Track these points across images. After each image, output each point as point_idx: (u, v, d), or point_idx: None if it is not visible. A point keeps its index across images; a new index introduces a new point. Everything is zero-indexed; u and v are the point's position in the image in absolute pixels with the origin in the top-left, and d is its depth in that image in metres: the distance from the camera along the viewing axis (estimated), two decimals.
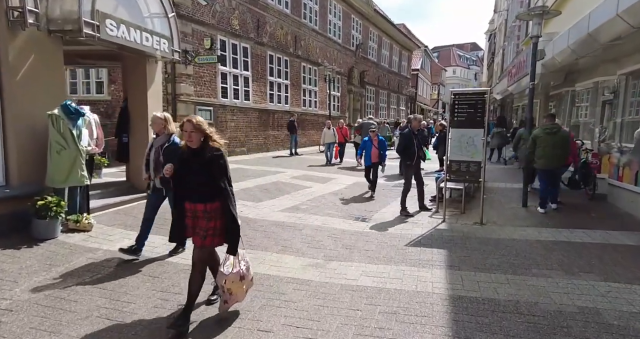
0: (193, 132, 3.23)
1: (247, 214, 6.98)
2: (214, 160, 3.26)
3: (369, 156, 8.81)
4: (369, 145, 8.81)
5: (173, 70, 13.11)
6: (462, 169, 6.81)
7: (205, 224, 3.30)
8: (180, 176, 3.34)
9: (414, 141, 7.33)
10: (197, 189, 3.30)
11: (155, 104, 7.26)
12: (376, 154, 8.78)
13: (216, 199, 3.30)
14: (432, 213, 7.56)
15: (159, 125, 4.72)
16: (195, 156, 3.29)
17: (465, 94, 6.80)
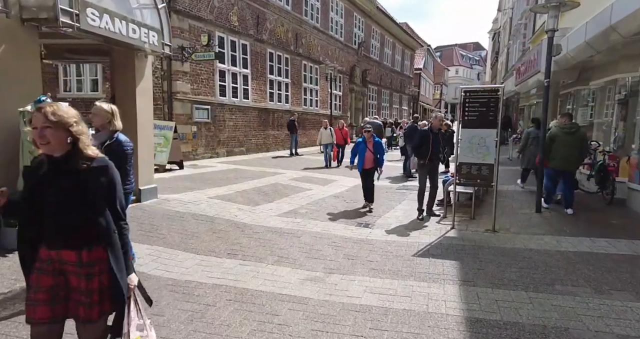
0: (49, 129, 1.92)
1: (242, 219, 6.52)
2: (91, 177, 2.01)
3: (362, 161, 7.54)
4: (363, 148, 7.49)
5: (169, 67, 12.66)
6: (473, 172, 6.33)
7: (86, 285, 2.03)
8: (32, 203, 2.02)
9: (429, 139, 6.91)
10: (61, 227, 2.02)
11: (145, 102, 6.80)
12: (371, 158, 7.47)
13: (98, 243, 2.05)
14: (440, 219, 7.08)
15: (101, 118, 3.68)
16: (57, 171, 2.00)
17: (477, 91, 6.32)
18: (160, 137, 10.79)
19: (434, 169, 7.21)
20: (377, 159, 7.56)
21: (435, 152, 7.01)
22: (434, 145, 6.95)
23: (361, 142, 7.57)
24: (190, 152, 13.41)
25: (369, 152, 7.50)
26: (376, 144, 7.60)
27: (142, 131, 6.72)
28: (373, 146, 7.54)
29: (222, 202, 7.47)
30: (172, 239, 5.24)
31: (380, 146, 7.63)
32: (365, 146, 7.52)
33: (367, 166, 7.61)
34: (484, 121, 6.20)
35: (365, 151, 7.50)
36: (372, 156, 7.51)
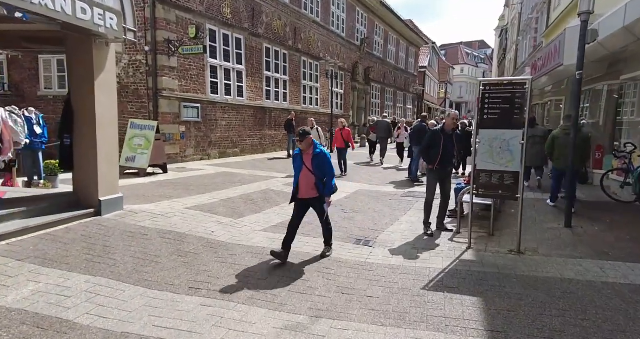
0: None
1: (219, 236, 5.51)
2: None
3: (296, 184, 4.83)
4: (298, 164, 4.77)
5: (154, 62, 11.68)
6: (494, 182, 5.30)
7: None
8: None
9: (441, 141, 5.89)
10: None
11: (107, 97, 5.80)
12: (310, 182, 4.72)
13: None
14: (453, 235, 6.05)
15: None
16: None
17: (499, 84, 5.28)
18: (141, 138, 9.83)
19: (445, 176, 6.18)
20: (319, 185, 4.70)
21: (448, 157, 5.99)
22: (447, 148, 5.92)
23: (297, 155, 4.83)
24: (178, 154, 12.43)
25: (307, 171, 4.69)
26: (318, 158, 4.69)
27: (104, 132, 5.73)
28: (313, 160, 4.67)
29: (200, 214, 6.46)
30: (123, 267, 4.23)
31: (326, 162, 4.73)
32: (302, 162, 4.72)
33: (304, 194, 4.75)
34: (507, 120, 5.17)
35: (302, 169, 4.72)
36: (312, 178, 4.68)
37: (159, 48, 11.67)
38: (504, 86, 5.21)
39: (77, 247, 4.60)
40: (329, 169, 4.80)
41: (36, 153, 7.28)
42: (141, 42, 11.79)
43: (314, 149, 4.72)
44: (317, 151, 4.73)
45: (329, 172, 4.80)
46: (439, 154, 5.92)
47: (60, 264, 4.11)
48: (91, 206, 5.69)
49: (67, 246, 4.62)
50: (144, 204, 6.77)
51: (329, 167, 4.80)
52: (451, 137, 5.99)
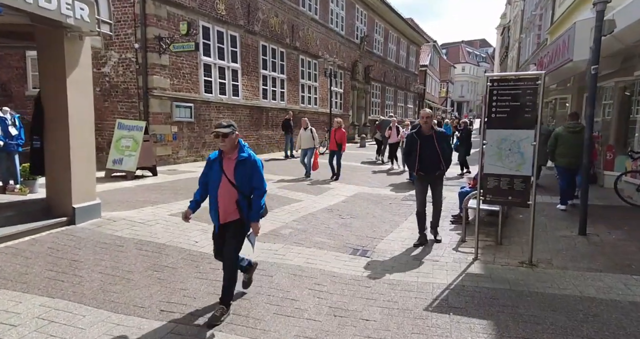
0: None
1: (202, 247, 5.05)
2: None
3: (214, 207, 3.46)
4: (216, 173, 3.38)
5: (144, 60, 11.22)
6: (503, 187, 4.82)
7: None
8: None
9: (417, 144, 5.33)
10: None
11: (81, 96, 5.33)
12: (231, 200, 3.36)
13: None
14: (458, 243, 5.58)
15: None
16: None
17: (508, 80, 4.81)
18: (128, 139, 9.37)
19: (432, 182, 5.55)
20: (241, 205, 3.35)
21: (428, 161, 5.33)
22: (425, 152, 5.31)
23: (214, 160, 3.41)
24: (170, 156, 11.97)
25: (227, 184, 3.31)
26: (244, 165, 3.31)
27: (78, 133, 5.27)
28: (237, 168, 3.30)
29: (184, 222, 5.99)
30: (88, 285, 3.77)
31: (255, 171, 3.35)
32: (220, 170, 3.33)
33: (223, 216, 3.40)
34: (517, 119, 4.70)
35: (219, 180, 3.33)
36: (234, 193, 3.32)
37: (149, 45, 11.21)
38: (513, 82, 4.74)
39: (40, 263, 4.14)
40: (259, 182, 3.37)
41: (11, 156, 6.83)
42: (131, 39, 11.34)
43: (239, 151, 3.31)
44: (244, 155, 3.31)
45: (259, 186, 3.38)
46: (416, 160, 5.37)
47: (15, 284, 3.66)
48: (64, 214, 5.24)
49: (28, 261, 4.16)
50: (125, 211, 6.31)
51: (259, 178, 3.37)
52: (430, 139, 5.30)
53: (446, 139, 5.50)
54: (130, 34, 11.33)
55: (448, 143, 5.50)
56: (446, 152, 5.35)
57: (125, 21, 11.34)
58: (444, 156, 5.30)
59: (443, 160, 5.31)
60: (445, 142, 5.40)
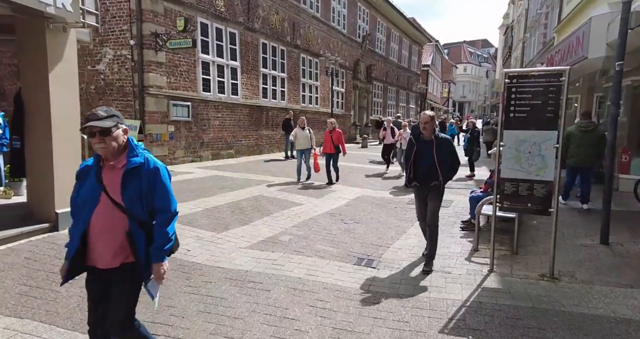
0: None
1: (194, 256, 4.66)
2: None
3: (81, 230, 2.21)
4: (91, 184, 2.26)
5: (140, 57, 10.84)
6: (522, 193, 4.43)
7: None
8: None
9: (413, 150, 4.61)
10: None
11: (66, 92, 4.94)
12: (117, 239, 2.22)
13: None
14: (471, 252, 5.19)
15: None
16: None
17: (529, 76, 4.41)
18: None
19: (427, 195, 4.63)
20: (136, 239, 2.22)
21: (424, 170, 4.52)
22: (422, 159, 4.53)
23: (88, 170, 2.32)
24: (166, 156, 11.58)
25: (108, 205, 2.20)
26: (138, 175, 2.26)
27: (62, 133, 4.88)
28: (127, 180, 2.23)
29: (178, 227, 5.55)
30: (64, 303, 3.38)
31: (158, 183, 2.30)
32: (99, 185, 2.22)
33: (100, 258, 2.23)
34: (538, 118, 4.30)
35: (97, 201, 2.20)
36: (123, 220, 2.21)
37: (145, 42, 10.83)
38: (534, 78, 4.34)
39: (14, 276, 3.75)
40: (165, 200, 2.30)
41: None
42: (126, 36, 10.96)
43: (128, 155, 2.26)
44: (136, 160, 2.26)
45: (165, 207, 2.30)
46: (409, 168, 4.64)
47: None
48: (47, 219, 4.85)
49: (0, 273, 3.78)
50: None
51: (165, 195, 2.30)
52: (429, 146, 4.52)
53: (449, 147, 4.60)
54: (125, 30, 10.95)
55: (452, 152, 4.61)
56: (446, 163, 4.53)
57: (121, 17, 10.97)
58: (442, 167, 4.46)
59: (440, 171, 4.46)
60: (448, 151, 4.56)
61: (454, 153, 4.65)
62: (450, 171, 4.62)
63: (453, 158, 4.63)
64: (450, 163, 4.59)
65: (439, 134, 4.62)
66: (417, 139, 4.66)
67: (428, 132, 4.56)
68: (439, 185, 4.55)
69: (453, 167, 4.64)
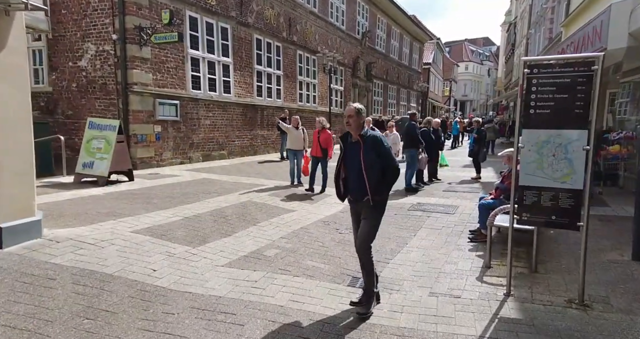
0: None
1: (160, 278, 3.98)
2: None
3: None
4: None
5: (123, 52, 10.17)
6: (544, 203, 3.75)
7: None
8: None
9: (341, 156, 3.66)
10: None
11: (11, 87, 4.25)
12: None
13: None
14: (482, 270, 4.51)
15: None
16: None
17: (553, 65, 3.72)
18: (100, 140, 8.32)
19: (363, 216, 3.57)
20: None
21: (353, 181, 3.53)
22: (350, 166, 3.56)
23: None
24: (152, 158, 10.92)
25: None
26: None
27: (7, 135, 4.20)
28: None
29: (149, 241, 4.94)
30: None
31: None
32: None
33: None
34: (564, 115, 3.63)
35: None
36: None
37: (128, 36, 10.16)
38: (560, 68, 3.66)
39: None
40: None
41: None
42: (108, 30, 10.30)
43: None
44: None
45: None
46: (338, 176, 3.64)
47: None
48: None
49: None
50: (78, 227, 5.25)
51: None
52: (356, 148, 3.47)
53: (377, 147, 3.44)
54: (108, 23, 10.29)
55: (381, 153, 3.42)
56: (373, 169, 3.38)
57: (103, 10, 10.30)
58: (369, 174, 3.37)
59: (368, 180, 3.37)
60: (375, 153, 3.41)
61: (385, 155, 3.43)
62: (379, 181, 3.41)
63: (383, 163, 3.42)
64: (380, 169, 3.41)
65: (367, 132, 3.50)
66: (345, 140, 3.60)
67: (353, 130, 3.49)
68: (368, 202, 3.41)
69: (385, 175, 3.43)
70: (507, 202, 5.38)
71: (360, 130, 3.51)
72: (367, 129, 3.60)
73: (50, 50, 11.09)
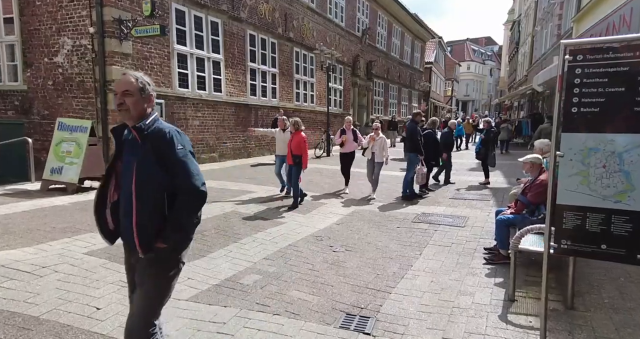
0: None
1: (100, 321, 3.15)
2: None
3: None
4: None
5: (101, 47, 9.35)
6: (592, 228, 2.91)
7: None
8: None
9: None
10: None
11: None
12: None
13: None
14: (506, 305, 3.67)
15: None
16: None
17: (605, 49, 2.88)
18: (70, 143, 7.51)
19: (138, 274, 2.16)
20: None
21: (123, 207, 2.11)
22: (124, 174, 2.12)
23: None
24: None
25: None
26: None
27: None
28: None
29: (102, 266, 4.11)
30: None
31: None
32: None
33: None
34: (619, 116, 2.80)
35: None
36: None
37: (107, 29, 9.35)
38: (614, 53, 2.82)
39: None
40: None
41: None
42: (85, 23, 9.48)
43: None
44: None
45: None
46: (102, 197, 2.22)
47: None
48: None
49: None
50: (19, 249, 4.42)
51: None
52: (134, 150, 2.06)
53: (169, 152, 2.03)
54: (85, 16, 9.48)
55: (178, 165, 2.02)
56: (149, 190, 2.01)
57: (79, 1, 9.48)
58: (141, 201, 2.02)
59: (136, 212, 2.01)
60: (162, 162, 2.02)
61: (177, 167, 2.03)
62: (159, 213, 2.03)
63: (175, 181, 2.04)
64: (162, 192, 2.03)
65: (151, 123, 2.05)
66: (119, 135, 2.12)
67: (128, 117, 2.04)
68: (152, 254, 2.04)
69: (175, 204, 2.03)
70: (531, 218, 4.57)
71: (140, 118, 2.04)
72: (155, 118, 2.07)
73: (25, 45, 10.28)
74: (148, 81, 2.12)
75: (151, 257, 2.04)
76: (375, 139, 7.98)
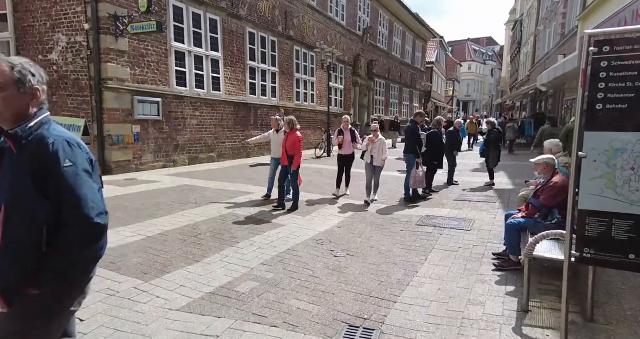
0: None
1: (83, 334, 2.91)
2: None
3: None
4: None
5: (97, 44, 9.11)
6: (619, 236, 2.67)
7: None
8: None
9: None
10: None
11: None
12: None
13: None
14: (520, 316, 3.42)
15: None
16: None
17: (634, 40, 2.64)
18: None
19: None
20: None
21: None
22: None
23: None
24: (131, 161, 9.87)
25: None
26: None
27: None
28: None
29: None
30: None
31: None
32: None
33: None
34: None
35: None
36: None
37: (102, 26, 9.11)
38: None
39: None
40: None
41: None
42: (80, 19, 9.25)
43: None
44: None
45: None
46: None
47: None
48: None
49: None
50: None
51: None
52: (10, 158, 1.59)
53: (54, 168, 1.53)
54: (80, 12, 9.24)
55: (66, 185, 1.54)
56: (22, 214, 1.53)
57: None
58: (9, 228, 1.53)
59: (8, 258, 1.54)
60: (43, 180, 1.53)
61: (64, 187, 1.54)
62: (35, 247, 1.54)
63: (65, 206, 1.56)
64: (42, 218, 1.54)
65: (34, 129, 1.57)
66: None
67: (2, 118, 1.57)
68: None
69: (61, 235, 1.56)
70: (544, 222, 4.32)
71: (17, 120, 1.57)
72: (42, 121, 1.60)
73: (19, 42, 10.04)
74: (32, 71, 1.60)
75: (13, 301, 1.54)
76: (374, 141, 7.45)
